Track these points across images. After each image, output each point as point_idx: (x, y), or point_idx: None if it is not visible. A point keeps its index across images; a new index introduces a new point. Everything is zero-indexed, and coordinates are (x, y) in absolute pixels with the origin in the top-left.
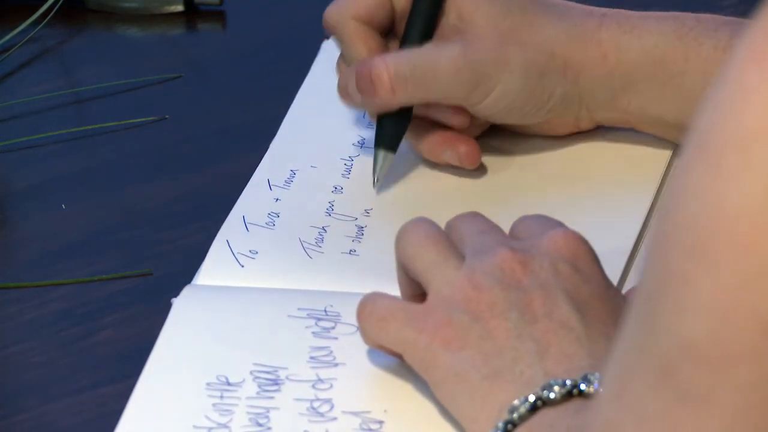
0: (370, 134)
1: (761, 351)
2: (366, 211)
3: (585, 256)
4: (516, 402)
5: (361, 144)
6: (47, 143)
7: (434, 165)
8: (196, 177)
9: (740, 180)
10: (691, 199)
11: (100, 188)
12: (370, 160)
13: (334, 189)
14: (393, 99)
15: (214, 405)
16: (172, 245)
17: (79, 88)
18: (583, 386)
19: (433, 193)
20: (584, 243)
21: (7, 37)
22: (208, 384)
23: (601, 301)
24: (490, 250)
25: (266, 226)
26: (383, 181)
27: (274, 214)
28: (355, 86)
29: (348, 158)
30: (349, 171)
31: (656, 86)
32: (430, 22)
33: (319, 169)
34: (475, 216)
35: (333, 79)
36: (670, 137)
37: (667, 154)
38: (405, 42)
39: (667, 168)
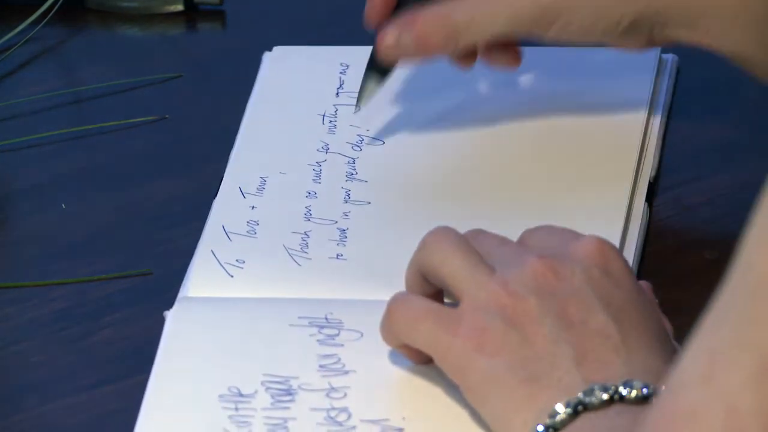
0: (332, 139)
1: None
2: (345, 213)
3: (615, 260)
4: (558, 407)
5: (326, 149)
6: (47, 143)
7: (409, 163)
8: (196, 177)
9: None
10: None
11: (99, 188)
12: (339, 165)
13: (308, 194)
14: (457, 49)
15: (230, 417)
16: (172, 245)
17: (79, 88)
18: (624, 391)
19: (410, 192)
20: (613, 248)
21: (7, 37)
22: (220, 396)
23: (635, 307)
24: (520, 260)
25: (248, 234)
26: (366, 105)
27: (254, 222)
28: (411, 40)
29: (316, 164)
30: (319, 176)
31: (739, 21)
32: None
33: (288, 175)
34: (485, 232)
35: (281, 89)
36: (753, 70)
37: (636, 143)
38: None
39: (639, 156)
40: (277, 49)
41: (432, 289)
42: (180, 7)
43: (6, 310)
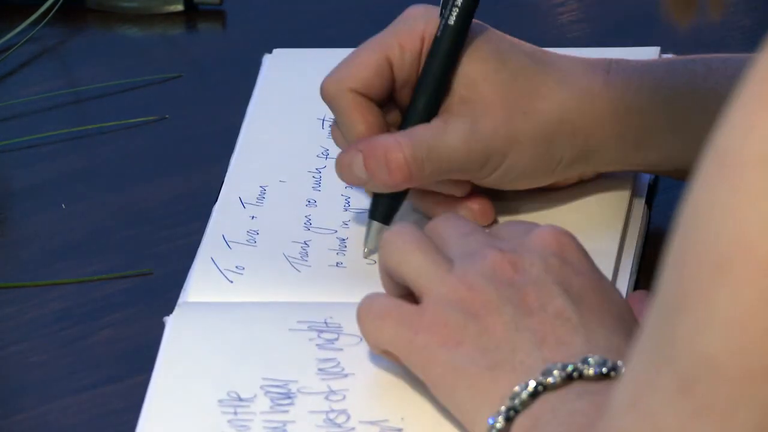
0: (331, 143)
1: None
2: (344, 222)
3: (573, 248)
4: (517, 388)
5: (326, 155)
6: (47, 143)
7: None
8: (197, 177)
9: (763, 201)
10: (711, 218)
11: (100, 188)
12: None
13: (308, 203)
14: (409, 182)
15: (229, 421)
16: (172, 245)
17: (79, 88)
18: (582, 369)
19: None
20: (570, 236)
21: (7, 37)
22: (220, 401)
23: (594, 292)
24: (479, 253)
25: (248, 243)
26: (374, 250)
27: (254, 231)
28: (361, 166)
29: (315, 170)
30: (319, 183)
31: (675, 138)
32: (438, 94)
33: (288, 184)
34: (456, 218)
35: (281, 93)
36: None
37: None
38: (411, 115)
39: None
40: (277, 52)
41: (405, 289)
42: (180, 7)
43: (6, 310)
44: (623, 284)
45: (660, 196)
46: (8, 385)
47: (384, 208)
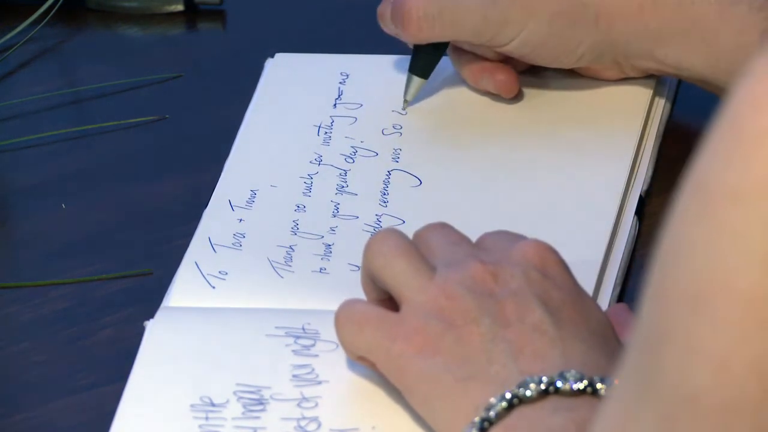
0: (325, 150)
1: (762, 404)
2: (332, 228)
3: (554, 263)
4: (492, 400)
5: (319, 161)
6: (47, 143)
7: (400, 176)
8: (196, 177)
9: (742, 236)
10: (690, 252)
11: (100, 188)
12: (330, 177)
13: (296, 208)
14: (420, 36)
15: (200, 426)
16: (172, 245)
17: (78, 88)
18: (559, 383)
19: (399, 206)
20: (553, 251)
21: (7, 37)
22: (192, 406)
23: (573, 306)
24: (462, 262)
25: (233, 246)
26: (411, 102)
27: (240, 235)
28: (390, 16)
29: (307, 176)
30: (309, 189)
31: (690, 42)
32: None
33: (279, 189)
34: (444, 227)
35: (281, 98)
36: (710, 90)
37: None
38: None
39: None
40: (279, 56)
41: (385, 293)
42: (180, 7)
43: (6, 310)
44: (606, 296)
45: (655, 198)
46: (8, 385)
47: (423, 63)
